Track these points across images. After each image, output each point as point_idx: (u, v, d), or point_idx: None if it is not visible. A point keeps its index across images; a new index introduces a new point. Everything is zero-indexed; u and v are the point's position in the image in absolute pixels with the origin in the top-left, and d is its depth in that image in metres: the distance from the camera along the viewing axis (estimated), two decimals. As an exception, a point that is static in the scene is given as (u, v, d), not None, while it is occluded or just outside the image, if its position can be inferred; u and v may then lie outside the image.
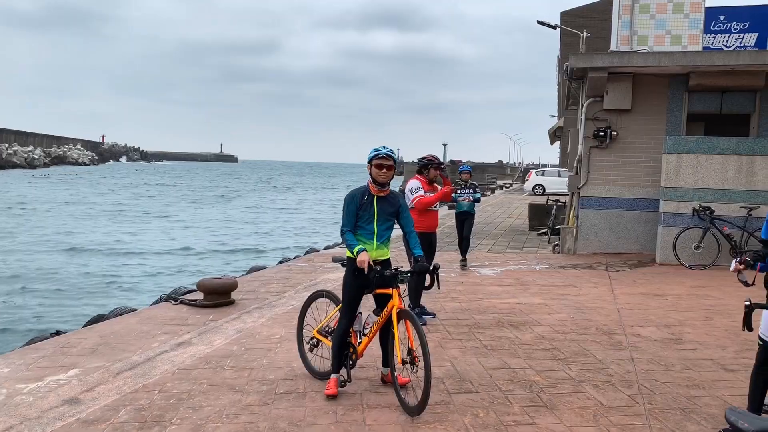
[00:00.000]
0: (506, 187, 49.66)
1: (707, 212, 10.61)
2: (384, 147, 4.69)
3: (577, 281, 9.61)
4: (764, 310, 3.88)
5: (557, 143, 39.87)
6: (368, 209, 4.67)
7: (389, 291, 4.62)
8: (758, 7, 14.12)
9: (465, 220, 10.84)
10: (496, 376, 5.22)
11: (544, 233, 16.12)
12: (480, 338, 6.40)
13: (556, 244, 13.23)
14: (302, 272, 10.28)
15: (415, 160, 7.86)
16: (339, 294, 4.99)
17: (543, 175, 37.75)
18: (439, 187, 7.46)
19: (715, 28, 13.83)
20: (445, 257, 11.73)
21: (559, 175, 33.35)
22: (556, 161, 51.31)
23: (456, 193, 10.33)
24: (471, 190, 10.71)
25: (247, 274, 10.76)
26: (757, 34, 13.80)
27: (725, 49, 13.21)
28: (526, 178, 39.40)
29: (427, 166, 7.41)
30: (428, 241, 7.46)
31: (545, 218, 17.00)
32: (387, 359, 4.86)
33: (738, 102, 11.87)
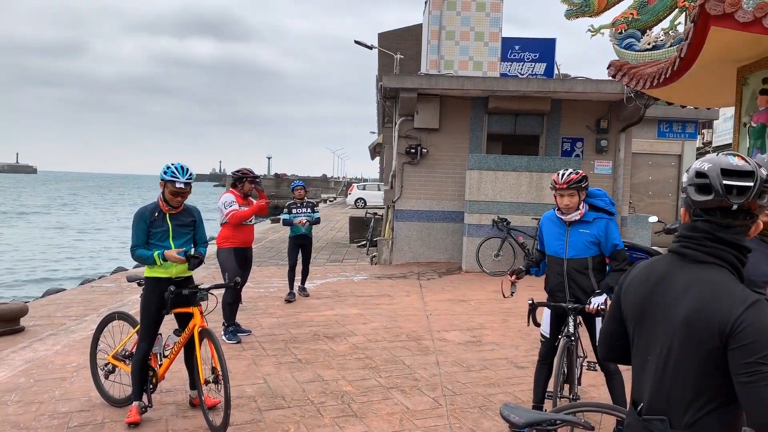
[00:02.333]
0: (330, 201, 50.50)
1: (504, 223, 11.66)
2: (181, 169, 4.39)
3: (391, 291, 10.02)
4: (545, 309, 4.37)
5: (378, 158, 41.44)
6: (161, 226, 4.45)
7: (190, 310, 4.47)
8: (546, 40, 15.92)
9: (302, 245, 9.14)
10: (308, 390, 5.25)
11: (364, 245, 16.61)
12: (295, 352, 6.40)
13: (374, 256, 13.69)
14: (107, 293, 9.54)
15: (230, 174, 7.70)
16: (136, 316, 4.71)
17: (364, 189, 39.00)
18: (254, 201, 7.38)
19: (512, 56, 15.34)
20: (265, 272, 11.60)
21: (379, 189, 34.64)
22: (377, 176, 53.25)
23: (291, 213, 8.99)
24: (308, 210, 9.09)
25: (42, 297, 9.74)
26: (545, 63, 15.54)
27: (519, 76, 14.68)
28: (349, 192, 40.40)
29: (241, 180, 7.30)
30: (244, 256, 7.34)
31: (365, 231, 17.52)
32: (194, 381, 4.68)
33: (529, 124, 13.22)
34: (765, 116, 6.09)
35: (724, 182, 1.77)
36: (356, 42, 20.63)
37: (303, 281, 9.53)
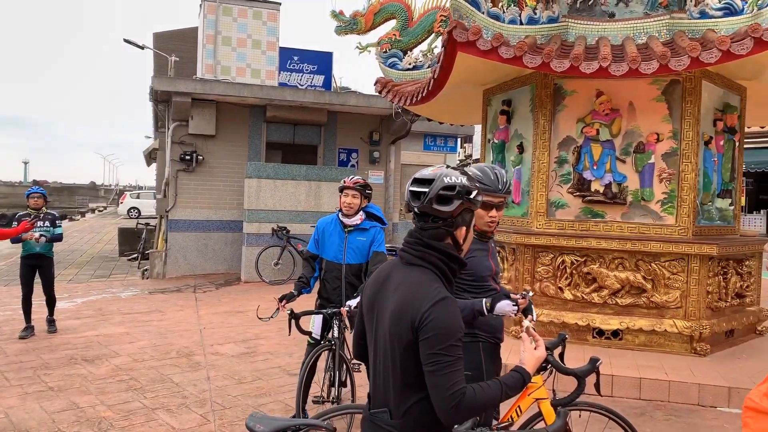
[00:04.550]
0: (99, 211, 46.44)
1: (284, 232, 11.72)
2: None
3: (163, 306, 9.48)
4: (314, 316, 4.48)
5: (154, 165, 39.06)
6: None
7: None
8: (324, 53, 16.36)
9: (38, 267, 7.56)
10: (60, 420, 4.75)
11: (135, 258, 15.53)
12: (46, 380, 5.74)
13: (146, 269, 12.86)
14: None
15: None
16: None
17: (138, 197, 36.45)
18: None
19: (291, 67, 15.50)
20: (14, 291, 10.27)
21: (155, 198, 32.69)
22: (154, 183, 50.23)
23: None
24: (47, 224, 7.47)
25: None
26: (324, 76, 15.97)
27: (299, 86, 14.90)
28: (121, 200, 37.52)
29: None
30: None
31: (136, 243, 16.42)
32: None
33: (308, 134, 13.49)
34: (504, 134, 6.93)
35: (410, 189, 1.98)
36: (125, 41, 19.27)
37: (50, 313, 7.78)
